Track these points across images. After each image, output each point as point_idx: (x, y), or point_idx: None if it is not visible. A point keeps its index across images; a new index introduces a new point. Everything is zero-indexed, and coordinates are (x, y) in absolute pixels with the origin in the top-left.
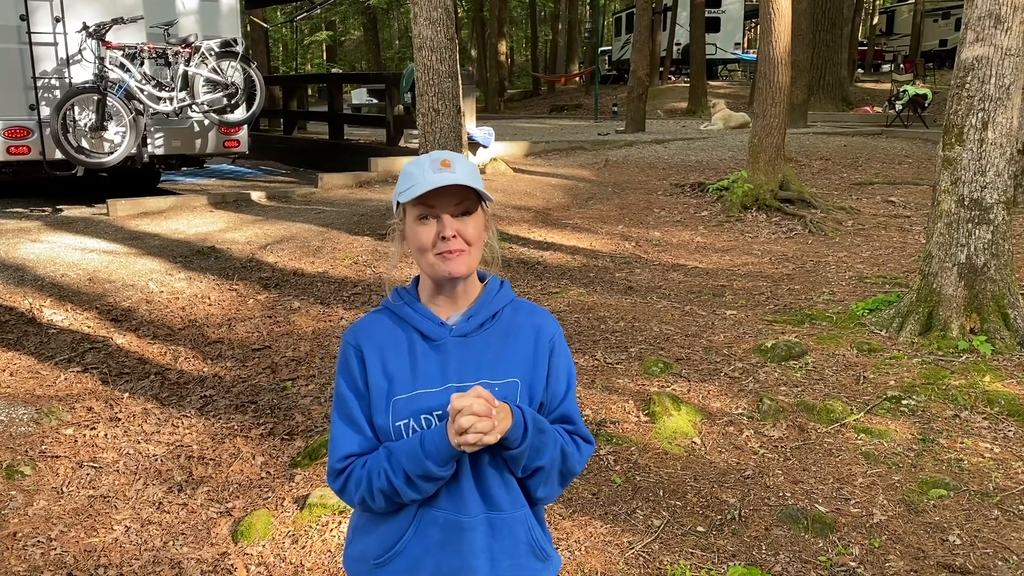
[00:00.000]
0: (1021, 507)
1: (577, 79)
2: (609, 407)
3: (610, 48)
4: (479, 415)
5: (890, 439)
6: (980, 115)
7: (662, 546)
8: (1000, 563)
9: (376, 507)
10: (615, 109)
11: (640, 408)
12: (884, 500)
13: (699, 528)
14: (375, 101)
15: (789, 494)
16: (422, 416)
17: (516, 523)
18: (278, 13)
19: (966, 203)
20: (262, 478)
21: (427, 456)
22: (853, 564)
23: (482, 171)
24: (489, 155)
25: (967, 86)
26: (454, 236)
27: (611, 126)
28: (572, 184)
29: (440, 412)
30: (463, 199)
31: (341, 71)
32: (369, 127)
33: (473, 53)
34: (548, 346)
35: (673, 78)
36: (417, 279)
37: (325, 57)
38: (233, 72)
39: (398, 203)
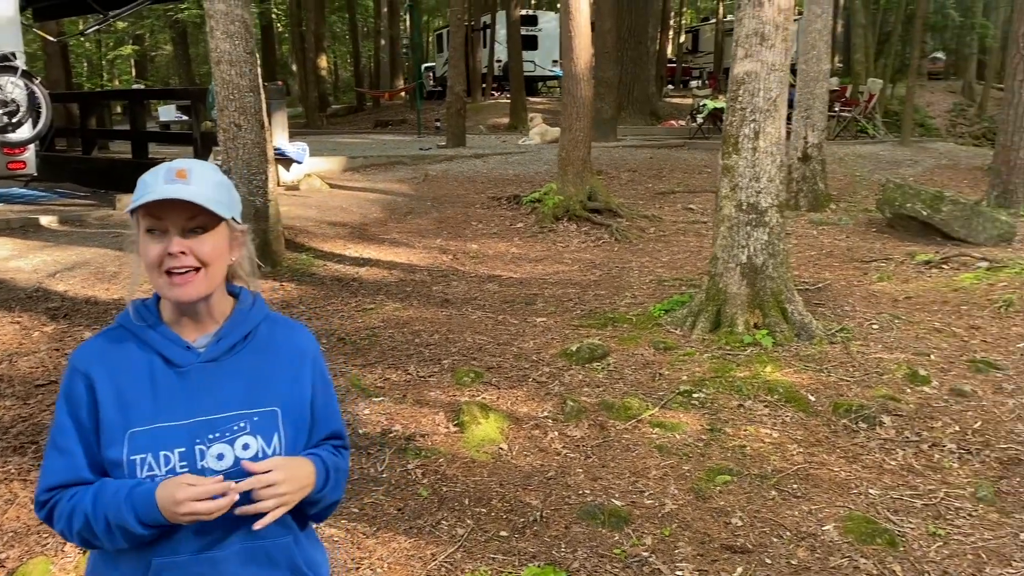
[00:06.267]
0: (795, 486)
1: (402, 94)
2: (419, 420)
3: (434, 64)
4: (200, 512)
5: (682, 431)
6: (752, 126)
7: (465, 554)
8: (775, 540)
9: (80, 546)
10: (439, 124)
11: (450, 419)
12: (675, 490)
13: (502, 533)
14: (184, 118)
15: (589, 491)
16: (161, 452)
17: (277, 550)
18: (79, 26)
19: (744, 207)
20: (41, 523)
21: (134, 511)
22: (646, 554)
23: (296, 187)
24: (304, 171)
25: (739, 99)
26: (183, 253)
27: (433, 141)
28: (391, 199)
29: (183, 449)
30: (197, 214)
31: (145, 87)
32: (177, 144)
33: (294, 68)
34: (310, 367)
35: (496, 94)
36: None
37: (134, 73)
38: (13, 88)
39: (132, 212)
